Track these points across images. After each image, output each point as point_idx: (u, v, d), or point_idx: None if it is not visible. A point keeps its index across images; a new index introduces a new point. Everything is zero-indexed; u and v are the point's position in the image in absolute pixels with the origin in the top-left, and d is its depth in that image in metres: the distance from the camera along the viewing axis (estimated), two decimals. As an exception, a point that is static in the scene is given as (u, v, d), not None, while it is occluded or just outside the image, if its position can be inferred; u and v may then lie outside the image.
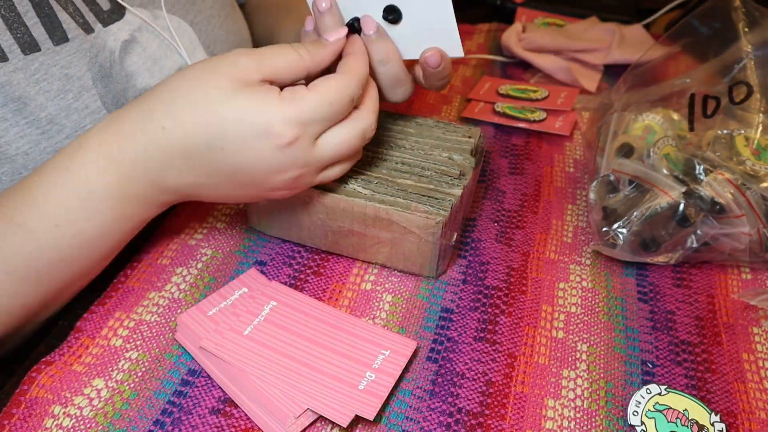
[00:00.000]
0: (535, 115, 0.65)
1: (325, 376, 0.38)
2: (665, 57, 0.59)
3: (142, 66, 0.49)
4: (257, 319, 0.42)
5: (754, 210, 0.46)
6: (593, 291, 0.48)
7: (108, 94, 0.47)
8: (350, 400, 0.37)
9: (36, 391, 0.38)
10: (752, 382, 0.42)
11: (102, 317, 0.43)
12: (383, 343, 0.41)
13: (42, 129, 0.43)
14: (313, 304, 0.43)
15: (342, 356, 0.40)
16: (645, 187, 0.48)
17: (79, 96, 0.45)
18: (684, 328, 0.45)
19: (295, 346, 0.40)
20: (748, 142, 0.50)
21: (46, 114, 0.43)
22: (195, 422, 0.38)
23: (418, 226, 0.43)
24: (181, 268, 0.47)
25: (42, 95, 0.43)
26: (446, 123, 0.51)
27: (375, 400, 0.37)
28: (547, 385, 0.41)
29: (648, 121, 0.54)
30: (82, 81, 0.45)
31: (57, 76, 0.44)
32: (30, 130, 0.43)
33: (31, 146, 0.43)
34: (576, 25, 0.80)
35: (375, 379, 0.38)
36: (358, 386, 0.38)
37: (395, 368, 0.39)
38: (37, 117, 0.43)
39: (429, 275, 0.47)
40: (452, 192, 0.45)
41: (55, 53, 0.44)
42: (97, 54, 0.46)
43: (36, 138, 0.43)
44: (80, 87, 0.45)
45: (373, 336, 0.41)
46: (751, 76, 0.52)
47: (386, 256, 0.47)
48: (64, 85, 0.44)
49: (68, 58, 0.44)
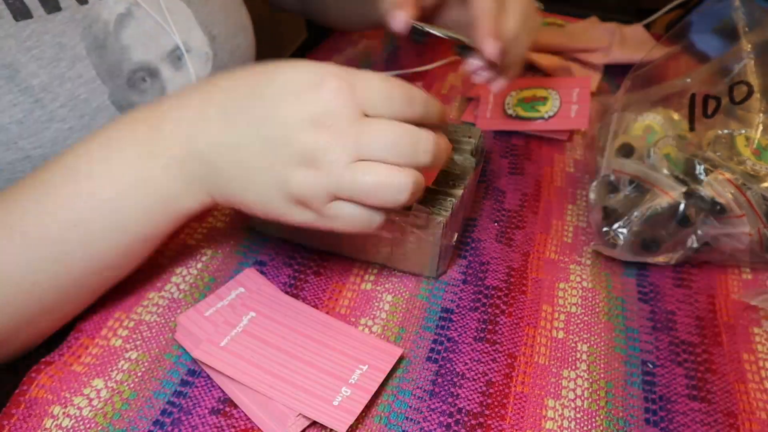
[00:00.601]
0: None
1: (300, 390, 0.37)
2: (666, 57, 0.59)
3: (137, 40, 0.49)
4: (234, 330, 0.41)
5: (754, 210, 0.46)
6: (593, 291, 0.48)
7: (102, 65, 0.46)
8: (323, 416, 0.36)
9: (35, 391, 0.38)
10: (753, 382, 0.42)
11: (102, 317, 0.43)
12: (362, 357, 0.40)
13: (35, 97, 0.43)
14: (299, 311, 0.43)
15: (319, 371, 0.39)
16: (645, 187, 0.48)
17: (73, 65, 0.45)
18: (684, 328, 0.45)
19: (272, 359, 0.39)
20: (748, 142, 0.50)
21: (38, 82, 0.43)
22: (195, 422, 0.37)
23: (418, 226, 0.43)
24: (181, 268, 0.47)
25: (34, 62, 0.43)
26: (447, 123, 0.51)
27: (348, 417, 0.36)
28: (547, 386, 0.41)
29: (648, 121, 0.54)
30: (75, 50, 0.45)
31: (49, 44, 0.43)
32: (23, 98, 0.43)
33: (25, 114, 0.43)
34: (576, 25, 0.80)
35: (350, 395, 0.37)
36: (332, 401, 0.37)
37: (372, 384, 0.38)
38: (29, 84, 0.43)
39: (430, 275, 0.47)
40: (453, 192, 0.45)
41: (48, 21, 0.43)
42: (91, 25, 0.46)
43: (29, 106, 0.43)
44: (73, 56, 0.45)
45: (355, 347, 0.40)
46: (751, 76, 0.52)
47: (387, 256, 0.47)
48: (57, 53, 0.44)
49: (61, 27, 0.44)
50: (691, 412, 0.40)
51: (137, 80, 0.49)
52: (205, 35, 0.53)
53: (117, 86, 0.47)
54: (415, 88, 0.37)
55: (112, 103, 0.47)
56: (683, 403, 0.40)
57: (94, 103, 0.46)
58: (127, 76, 0.48)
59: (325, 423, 0.36)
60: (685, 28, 0.59)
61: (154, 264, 0.47)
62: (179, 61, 0.51)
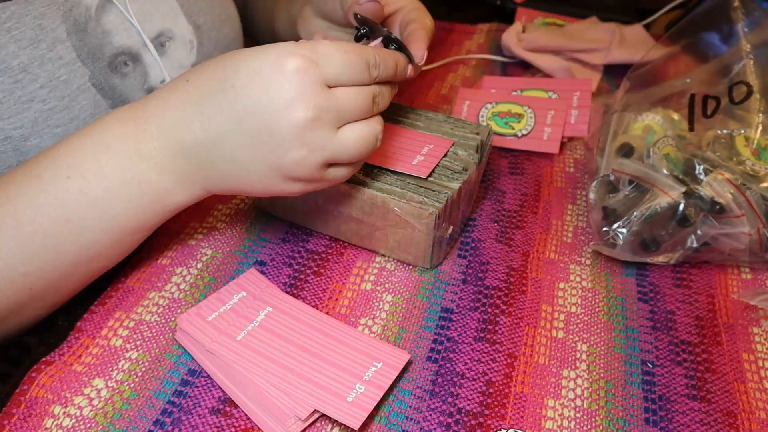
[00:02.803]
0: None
1: (315, 386, 0.38)
2: (665, 57, 0.59)
3: (119, 26, 0.49)
4: (252, 324, 0.41)
5: (754, 210, 0.46)
6: (593, 291, 0.48)
7: (83, 48, 0.47)
8: (337, 412, 0.37)
9: (36, 391, 0.38)
10: (752, 382, 0.42)
11: (102, 317, 0.43)
12: (376, 355, 0.40)
13: (15, 78, 0.43)
14: (308, 311, 0.43)
15: (334, 366, 0.39)
16: (645, 187, 0.48)
17: (53, 47, 0.45)
18: (684, 328, 0.45)
19: (287, 354, 0.40)
20: (747, 142, 0.50)
21: (18, 62, 0.43)
22: (195, 422, 0.38)
23: (412, 215, 0.44)
24: (181, 268, 0.47)
25: (14, 44, 0.43)
26: (456, 119, 0.52)
27: (361, 413, 0.37)
28: (547, 385, 0.41)
29: (648, 121, 0.54)
30: (55, 33, 0.45)
31: (29, 26, 0.44)
32: (2, 78, 0.43)
33: (5, 95, 0.43)
34: (576, 25, 0.80)
35: (364, 392, 0.38)
36: (346, 398, 0.37)
37: (385, 381, 0.39)
38: (9, 65, 0.43)
39: (424, 266, 0.48)
40: (450, 185, 0.45)
41: (28, 3, 0.44)
42: (71, 9, 0.46)
43: (9, 87, 0.43)
44: (54, 38, 0.45)
45: (366, 347, 0.41)
46: (750, 76, 0.52)
47: (383, 244, 0.48)
48: (37, 35, 0.44)
49: (41, 10, 0.44)
50: (690, 411, 0.40)
51: (119, 64, 0.49)
52: (190, 24, 0.54)
53: (98, 69, 0.48)
54: (370, 51, 0.39)
55: (92, 86, 0.47)
56: (683, 403, 0.41)
57: (74, 85, 0.46)
58: (108, 60, 0.48)
59: (339, 419, 0.36)
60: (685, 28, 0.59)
61: (154, 264, 0.47)
62: (162, 48, 0.52)
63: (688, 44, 0.59)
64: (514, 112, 0.65)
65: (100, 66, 0.48)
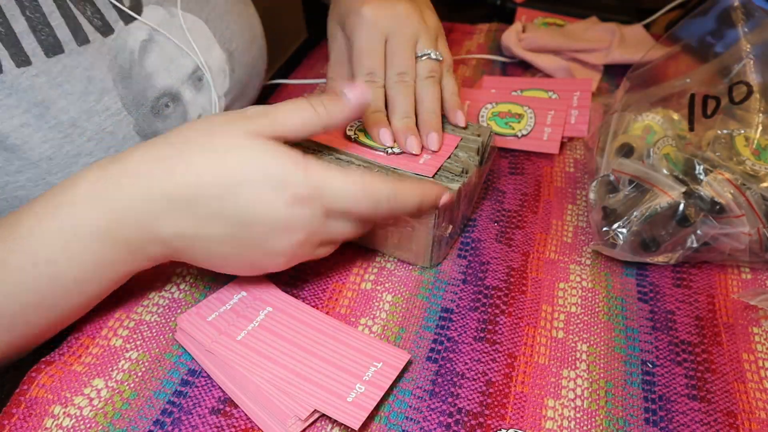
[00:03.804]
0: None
1: (315, 386, 0.38)
2: (665, 57, 0.59)
3: (160, 66, 0.49)
4: (252, 324, 0.41)
5: (754, 210, 0.46)
6: (593, 291, 0.48)
7: (128, 96, 0.46)
8: (337, 412, 0.36)
9: (36, 390, 0.38)
10: (752, 382, 0.42)
11: (102, 317, 0.43)
12: (376, 355, 0.40)
13: (64, 132, 0.43)
14: (308, 311, 0.43)
15: (334, 366, 0.39)
16: (645, 187, 0.48)
17: (101, 98, 0.45)
18: (684, 328, 0.45)
19: (287, 354, 0.40)
20: (747, 142, 0.50)
21: (68, 117, 0.43)
22: (195, 422, 0.38)
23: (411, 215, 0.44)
24: (182, 268, 0.47)
25: (64, 98, 0.43)
26: None
27: (361, 413, 0.37)
28: (547, 385, 0.41)
29: (648, 121, 0.54)
30: (103, 83, 0.45)
31: (79, 78, 0.43)
32: (53, 134, 0.43)
33: (55, 150, 0.43)
34: (576, 25, 0.80)
35: (364, 392, 0.38)
36: (346, 398, 0.37)
37: (385, 381, 0.39)
38: (59, 120, 0.43)
39: (424, 265, 0.48)
40: (450, 186, 0.45)
41: (78, 54, 0.43)
42: (117, 55, 0.46)
43: (59, 142, 0.43)
44: (101, 89, 0.45)
45: (366, 347, 0.41)
46: (750, 76, 0.52)
47: (383, 243, 0.48)
48: (86, 87, 0.44)
49: (90, 60, 0.44)
50: (690, 411, 0.40)
51: (161, 107, 0.49)
52: (224, 52, 0.54)
53: (141, 115, 0.47)
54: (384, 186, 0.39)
55: (137, 133, 0.47)
56: (683, 403, 0.41)
57: (120, 135, 0.46)
58: (152, 104, 0.48)
59: (339, 419, 0.36)
60: (685, 28, 0.59)
61: (154, 264, 0.47)
62: (200, 82, 0.52)
63: (688, 44, 0.59)
64: (514, 112, 0.64)
65: (144, 112, 0.48)
